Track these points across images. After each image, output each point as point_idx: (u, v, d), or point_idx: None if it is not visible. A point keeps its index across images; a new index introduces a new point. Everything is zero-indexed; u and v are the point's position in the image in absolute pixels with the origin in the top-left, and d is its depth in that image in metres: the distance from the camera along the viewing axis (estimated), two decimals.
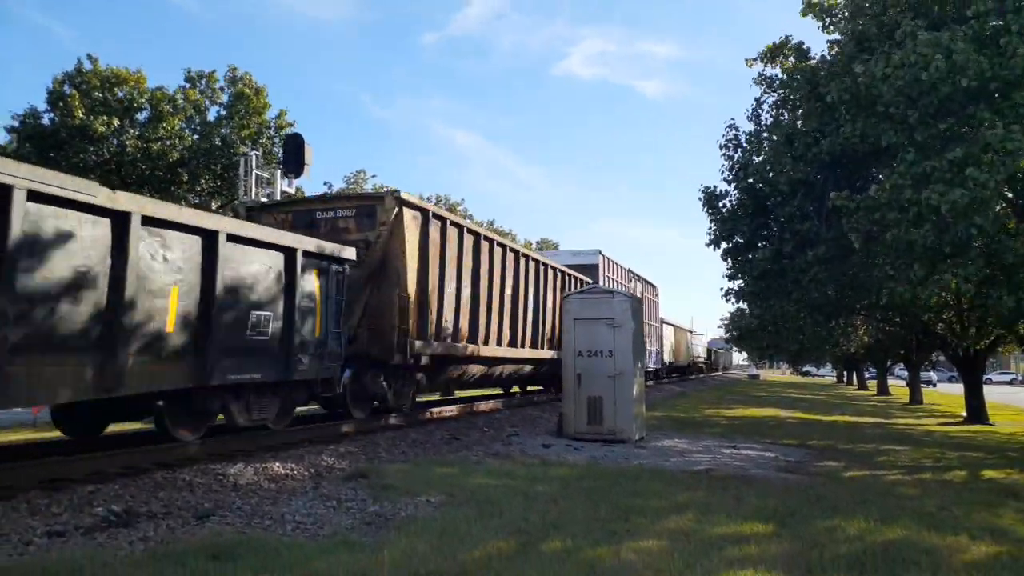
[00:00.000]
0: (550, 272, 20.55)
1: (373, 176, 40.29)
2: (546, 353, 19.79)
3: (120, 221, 7.13)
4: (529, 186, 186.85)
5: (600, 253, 24.63)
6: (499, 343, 16.57)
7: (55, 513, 6.08)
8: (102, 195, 6.90)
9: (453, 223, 14.44)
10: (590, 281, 22.47)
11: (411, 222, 12.62)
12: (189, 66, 35.70)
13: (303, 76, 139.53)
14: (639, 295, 27.71)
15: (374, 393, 12.52)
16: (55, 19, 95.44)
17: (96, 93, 24.47)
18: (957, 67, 11.40)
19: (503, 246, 17.13)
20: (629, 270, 29.47)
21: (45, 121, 24.57)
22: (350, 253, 11.11)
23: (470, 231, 15.20)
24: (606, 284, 24.54)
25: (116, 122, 24.49)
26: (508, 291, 17.16)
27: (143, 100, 25.60)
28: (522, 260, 18.35)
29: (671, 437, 14.43)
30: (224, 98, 27.22)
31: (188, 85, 26.77)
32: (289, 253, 9.76)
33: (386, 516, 6.60)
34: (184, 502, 6.76)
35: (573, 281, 22.37)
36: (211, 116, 27.21)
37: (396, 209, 12.32)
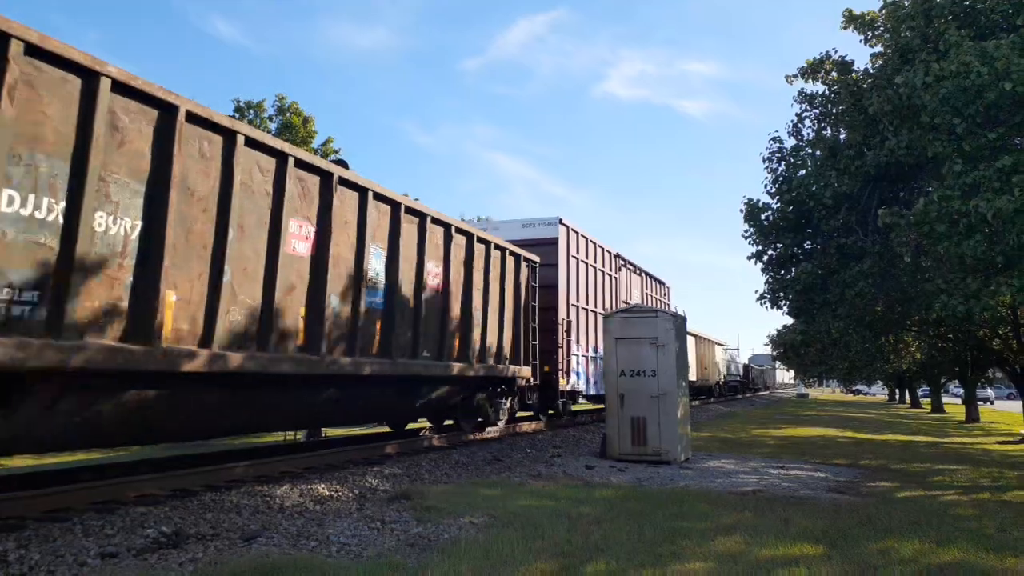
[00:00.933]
0: (437, 232, 12.18)
1: (416, 200, 40.64)
2: (431, 367, 11.79)
3: None
4: (571, 207, 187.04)
5: (561, 222, 18.06)
6: (264, 344, 8.18)
7: (108, 535, 6.22)
8: None
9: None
10: (536, 259, 16.24)
11: None
12: (238, 96, 36.65)
13: (349, 104, 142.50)
14: (631, 288, 24.01)
15: None
16: (111, 55, 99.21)
17: None
18: (1000, 72, 11.18)
19: (275, 154, 8.43)
20: (617, 255, 22.44)
21: None
22: None
23: (127, 88, 6.58)
24: (570, 264, 18.48)
25: None
26: (297, 244, 8.79)
27: None
28: (342, 195, 9.63)
29: (717, 458, 14.20)
30: (272, 127, 27.85)
31: (237, 116, 27.45)
32: None
33: (429, 538, 6.62)
34: (232, 523, 6.86)
35: (510, 260, 14.73)
36: None
37: None
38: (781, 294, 18.02)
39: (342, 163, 10.41)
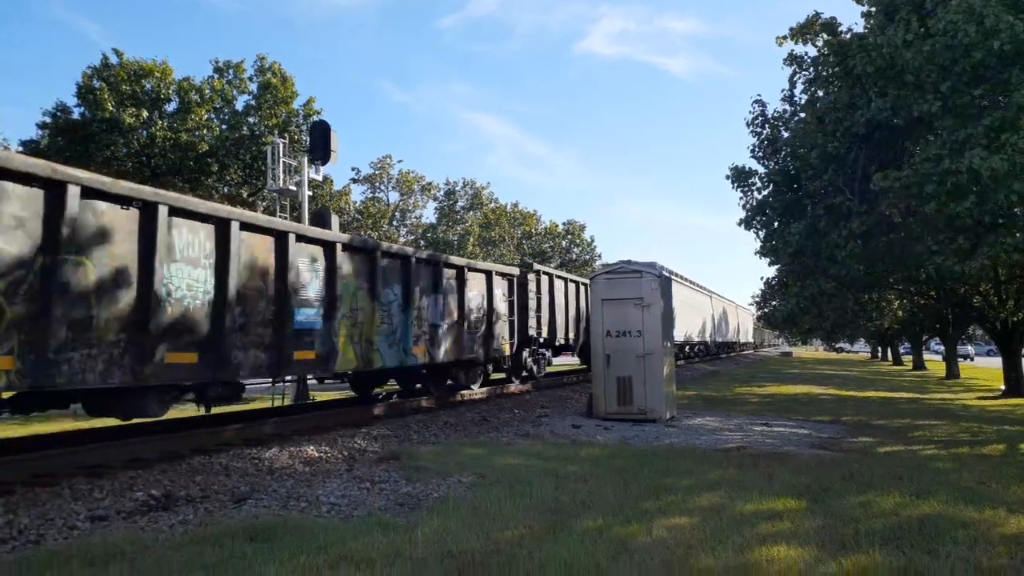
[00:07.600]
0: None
1: (400, 161, 40.23)
2: None
3: None
4: (553, 168, 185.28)
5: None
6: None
7: (97, 498, 6.24)
8: None
9: None
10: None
11: None
12: (217, 56, 35.92)
13: (324, 64, 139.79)
14: None
15: None
16: (80, 15, 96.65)
17: (124, 86, 24.75)
18: (989, 30, 11.09)
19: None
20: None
21: (76, 115, 24.95)
22: None
23: None
24: None
25: (145, 114, 24.78)
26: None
27: (170, 91, 25.85)
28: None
29: (702, 416, 14.37)
30: (252, 88, 27.34)
31: (216, 75, 26.93)
32: None
33: (418, 496, 6.68)
34: (221, 486, 6.89)
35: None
36: (239, 106, 27.39)
37: None
38: (774, 261, 18.16)
39: (324, 124, 10.67)
